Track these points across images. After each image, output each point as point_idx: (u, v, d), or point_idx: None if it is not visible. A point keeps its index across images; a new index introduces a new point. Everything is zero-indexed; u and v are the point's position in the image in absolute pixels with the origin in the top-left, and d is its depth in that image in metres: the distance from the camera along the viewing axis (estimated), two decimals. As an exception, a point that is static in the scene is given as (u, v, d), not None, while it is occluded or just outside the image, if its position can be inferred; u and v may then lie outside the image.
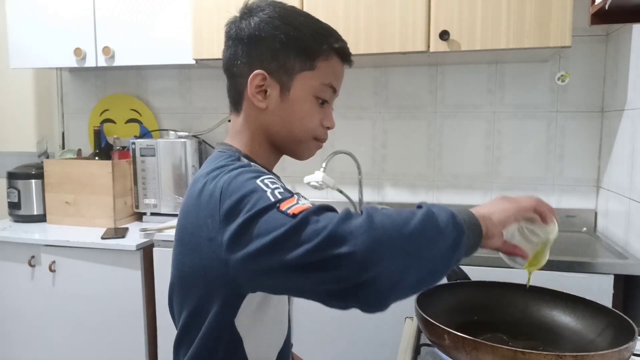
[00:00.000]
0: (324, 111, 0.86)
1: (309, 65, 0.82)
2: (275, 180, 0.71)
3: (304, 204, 0.65)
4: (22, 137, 2.57)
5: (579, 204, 1.99)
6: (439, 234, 0.65)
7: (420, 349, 0.94)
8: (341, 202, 2.15)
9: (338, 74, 0.86)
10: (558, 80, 1.94)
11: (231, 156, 0.81)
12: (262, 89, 0.81)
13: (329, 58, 0.84)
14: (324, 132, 0.86)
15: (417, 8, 1.73)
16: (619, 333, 0.77)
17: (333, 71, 0.85)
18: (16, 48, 2.22)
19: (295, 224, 0.61)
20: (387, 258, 0.60)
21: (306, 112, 0.83)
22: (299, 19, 0.86)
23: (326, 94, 0.84)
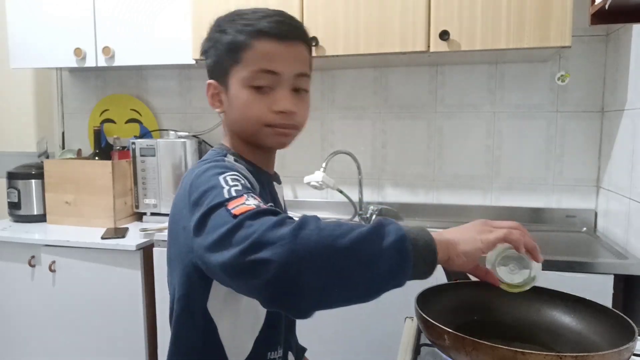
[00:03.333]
0: (271, 96, 0.82)
1: (235, 60, 0.82)
2: (238, 177, 0.73)
3: (249, 205, 0.65)
4: (22, 137, 2.57)
5: (579, 204, 1.99)
6: (375, 256, 0.61)
7: (420, 349, 0.94)
8: (341, 202, 2.15)
9: (271, 54, 0.81)
10: (558, 80, 1.94)
11: (218, 154, 0.86)
12: (218, 97, 0.88)
13: (253, 44, 0.81)
14: (274, 117, 0.82)
15: (417, 8, 1.73)
16: (619, 333, 0.77)
17: (263, 55, 0.81)
18: (16, 48, 2.22)
19: (232, 226, 0.62)
20: (307, 273, 0.59)
21: (243, 104, 0.83)
22: (227, 18, 0.85)
23: (262, 80, 0.81)
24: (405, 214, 2.14)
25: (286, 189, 2.30)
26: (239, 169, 0.78)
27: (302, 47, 0.84)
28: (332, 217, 2.18)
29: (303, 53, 0.85)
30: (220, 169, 0.75)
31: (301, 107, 0.85)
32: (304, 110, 0.86)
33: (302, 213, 2.10)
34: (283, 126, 0.84)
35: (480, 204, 2.09)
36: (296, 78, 0.83)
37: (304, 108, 0.86)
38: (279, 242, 0.59)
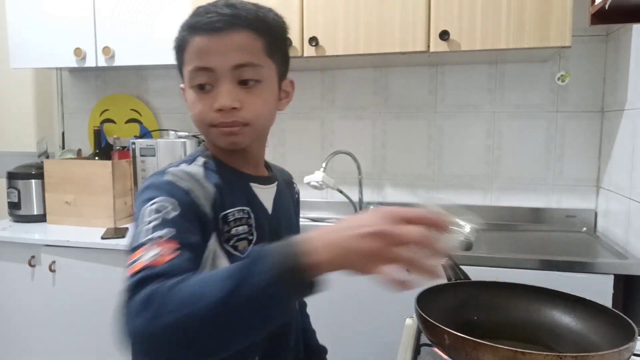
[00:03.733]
0: (211, 95, 0.77)
1: (182, 60, 0.80)
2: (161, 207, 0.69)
3: (142, 261, 0.62)
4: (22, 137, 2.56)
5: (579, 204, 1.99)
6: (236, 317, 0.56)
7: (420, 349, 0.94)
8: (341, 202, 2.15)
9: (201, 50, 0.76)
10: (558, 80, 1.94)
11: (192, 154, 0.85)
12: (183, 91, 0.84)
13: (189, 42, 0.77)
14: (214, 116, 0.77)
15: (417, 8, 1.73)
16: (619, 333, 0.77)
17: (195, 52, 0.77)
18: (16, 48, 2.21)
19: (122, 289, 0.62)
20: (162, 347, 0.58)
21: (190, 105, 0.80)
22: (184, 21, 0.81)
23: (197, 78, 0.77)
24: (405, 214, 2.14)
25: (286, 189, 2.29)
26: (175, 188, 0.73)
27: (242, 34, 0.76)
28: (332, 217, 2.19)
29: (243, 41, 0.76)
30: (151, 193, 0.72)
31: (249, 100, 0.77)
32: (253, 104, 0.78)
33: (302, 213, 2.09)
34: (225, 125, 0.78)
35: (480, 204, 2.09)
36: (236, 70, 0.76)
37: (254, 101, 0.78)
38: (139, 333, 0.59)
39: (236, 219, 0.79)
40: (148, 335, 0.58)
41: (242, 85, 0.77)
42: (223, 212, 0.78)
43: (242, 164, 0.85)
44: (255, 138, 0.82)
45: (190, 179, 0.76)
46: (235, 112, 0.77)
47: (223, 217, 0.78)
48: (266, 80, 0.80)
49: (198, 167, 0.80)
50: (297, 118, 2.24)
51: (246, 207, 0.81)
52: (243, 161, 0.85)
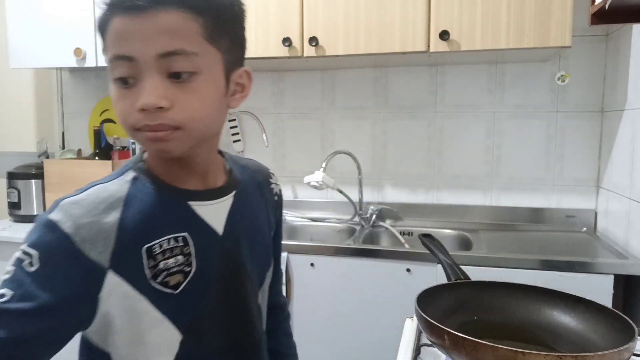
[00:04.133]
0: (134, 91, 0.62)
1: (103, 45, 0.64)
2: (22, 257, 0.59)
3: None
4: (22, 137, 2.57)
5: (579, 204, 1.99)
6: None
7: (420, 349, 0.94)
8: (341, 202, 2.15)
9: (117, 34, 0.61)
10: (558, 80, 1.94)
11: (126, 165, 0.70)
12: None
13: (107, 25, 0.62)
14: (137, 117, 0.62)
15: (417, 8, 1.73)
16: (619, 333, 0.77)
17: (114, 36, 0.61)
18: (16, 48, 2.21)
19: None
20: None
21: (113, 103, 0.65)
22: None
23: (117, 69, 0.62)
24: (405, 214, 2.14)
25: (286, 189, 2.30)
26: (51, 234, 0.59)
27: (171, 14, 0.60)
28: (332, 217, 2.19)
29: (173, 23, 0.60)
30: (31, 234, 0.60)
31: (181, 97, 0.62)
32: (186, 102, 0.62)
33: (302, 213, 2.09)
34: (150, 128, 0.62)
35: (480, 204, 2.09)
36: (163, 60, 0.60)
37: (187, 98, 0.62)
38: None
39: (165, 250, 0.65)
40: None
41: (172, 79, 0.62)
42: (147, 244, 0.64)
43: (183, 176, 0.69)
44: (193, 144, 0.65)
45: (86, 215, 0.61)
46: (162, 113, 0.61)
47: (147, 251, 0.64)
48: (205, 72, 0.63)
49: (123, 184, 0.66)
50: (297, 118, 2.24)
51: (181, 234, 0.67)
52: (184, 173, 0.70)
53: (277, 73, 2.24)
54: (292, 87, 2.23)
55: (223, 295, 0.71)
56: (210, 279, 0.69)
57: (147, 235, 0.64)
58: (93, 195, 0.64)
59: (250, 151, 2.32)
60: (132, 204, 0.65)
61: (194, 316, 0.68)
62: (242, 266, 0.74)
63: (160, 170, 0.69)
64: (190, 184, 0.70)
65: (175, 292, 0.65)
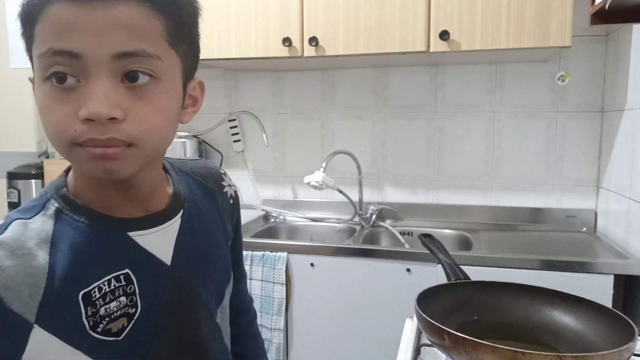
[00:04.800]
0: (76, 95, 0.50)
1: (30, 36, 0.53)
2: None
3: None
4: (22, 137, 2.56)
5: (579, 204, 1.99)
6: None
7: (420, 349, 0.94)
8: (341, 202, 2.15)
9: (59, 25, 0.49)
10: (558, 80, 1.94)
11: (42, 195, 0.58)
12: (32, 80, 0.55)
13: (42, 12, 0.50)
14: (80, 129, 0.49)
15: (417, 8, 1.73)
16: (619, 333, 0.77)
17: (50, 26, 0.50)
18: (16, 48, 2.21)
19: None
20: None
21: (41, 110, 0.52)
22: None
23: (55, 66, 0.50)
24: (405, 214, 2.14)
25: (286, 189, 2.30)
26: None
27: (131, 8, 0.50)
28: (332, 217, 2.19)
29: (133, 18, 0.50)
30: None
31: (138, 107, 0.51)
32: (143, 113, 0.52)
33: (302, 213, 2.09)
34: (97, 143, 0.50)
35: (480, 204, 2.09)
36: (119, 61, 0.50)
37: (145, 109, 0.52)
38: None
39: (106, 293, 0.54)
40: None
41: (126, 85, 0.51)
42: (84, 289, 0.53)
43: (120, 202, 0.58)
44: (144, 164, 0.55)
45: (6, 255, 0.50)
46: (113, 125, 0.50)
47: (85, 297, 0.53)
48: (165, 80, 0.54)
49: (46, 220, 0.54)
50: (297, 118, 2.24)
51: (123, 271, 0.56)
52: (122, 198, 0.58)
53: (277, 73, 2.24)
54: (292, 87, 2.23)
55: (173, 330, 0.61)
56: (159, 317, 0.59)
57: (83, 279, 0.53)
58: (16, 233, 0.52)
59: (250, 151, 2.32)
60: (60, 245, 0.53)
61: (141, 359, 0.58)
62: (194, 294, 0.64)
63: (92, 196, 0.57)
64: (128, 211, 0.59)
65: (118, 339, 0.55)
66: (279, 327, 1.73)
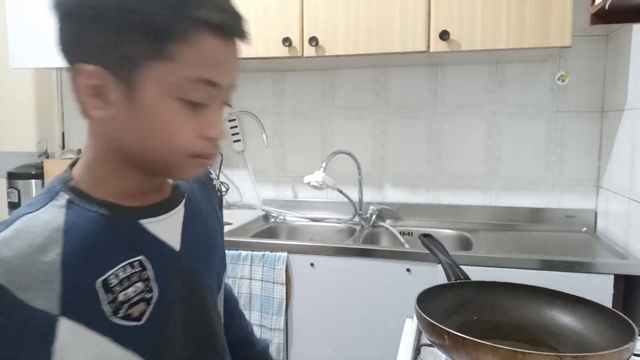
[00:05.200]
0: (204, 116, 0.57)
1: (160, 52, 0.53)
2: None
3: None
4: (22, 137, 2.57)
5: (579, 204, 1.99)
6: None
7: (420, 349, 0.94)
8: (341, 202, 2.15)
9: (217, 59, 0.55)
10: (558, 80, 1.94)
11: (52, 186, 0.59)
12: (98, 91, 0.58)
13: (195, 39, 0.53)
14: (206, 145, 0.57)
15: (417, 8, 1.73)
16: (619, 333, 0.77)
17: (206, 57, 0.54)
18: (16, 48, 2.21)
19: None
20: None
21: (165, 122, 0.55)
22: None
23: (198, 93, 0.55)
24: (405, 214, 2.14)
25: (286, 189, 2.30)
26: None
27: (239, 47, 0.59)
28: (332, 217, 2.19)
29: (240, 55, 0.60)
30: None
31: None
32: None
33: (302, 213, 2.09)
34: (211, 156, 0.59)
35: (480, 204, 2.09)
36: (230, 90, 0.59)
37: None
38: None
39: (122, 279, 0.57)
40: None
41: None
42: (100, 277, 0.56)
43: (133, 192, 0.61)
44: None
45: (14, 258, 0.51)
46: (220, 143, 0.60)
47: (103, 284, 0.56)
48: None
49: (56, 211, 0.56)
50: (297, 118, 2.24)
51: (137, 257, 0.59)
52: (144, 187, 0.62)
53: (277, 73, 2.24)
54: (292, 87, 2.23)
55: (186, 314, 0.65)
56: (174, 301, 0.63)
57: (98, 266, 0.56)
58: (23, 230, 0.53)
59: (250, 151, 2.32)
60: (73, 235, 0.55)
61: (161, 342, 0.61)
62: (201, 280, 0.68)
63: (108, 187, 0.59)
64: (138, 200, 0.62)
65: (139, 324, 0.58)
66: (279, 327, 1.73)
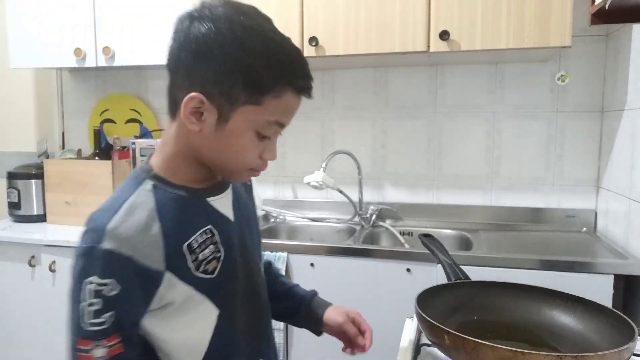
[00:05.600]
0: (265, 145, 0.76)
1: (255, 100, 0.71)
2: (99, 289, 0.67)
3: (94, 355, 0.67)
4: (22, 137, 2.57)
5: (579, 204, 1.99)
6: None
7: (420, 349, 0.94)
8: (341, 202, 2.15)
9: (290, 109, 0.76)
10: (558, 80, 1.94)
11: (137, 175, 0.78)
12: (197, 111, 0.73)
13: (282, 94, 0.72)
14: (261, 163, 0.78)
15: (417, 8, 1.73)
16: (619, 333, 0.77)
17: (284, 108, 0.74)
18: (16, 48, 2.21)
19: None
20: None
21: (242, 147, 0.74)
22: (256, 41, 0.70)
23: (269, 130, 0.75)
24: (405, 214, 2.14)
25: (286, 189, 2.30)
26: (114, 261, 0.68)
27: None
28: (332, 217, 2.19)
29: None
30: (89, 266, 0.68)
31: None
32: None
33: (302, 213, 2.08)
34: (261, 171, 0.80)
35: (480, 204, 2.09)
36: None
37: None
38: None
39: (200, 243, 0.76)
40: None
41: None
42: (186, 242, 0.74)
43: (197, 180, 0.80)
44: None
45: (136, 234, 0.70)
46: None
47: (188, 247, 0.74)
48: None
49: (146, 194, 0.75)
50: (297, 118, 2.23)
51: (207, 226, 0.78)
52: (209, 175, 0.81)
53: (277, 73, 2.24)
54: (292, 87, 2.23)
55: (242, 271, 0.83)
56: (235, 260, 0.81)
57: (184, 234, 0.75)
58: (129, 213, 0.72)
59: (250, 151, 2.32)
60: (164, 212, 0.74)
61: (227, 292, 0.80)
62: (247, 246, 0.86)
63: (182, 174, 0.78)
64: (203, 183, 0.80)
65: (213, 276, 0.77)
66: (279, 327, 1.73)
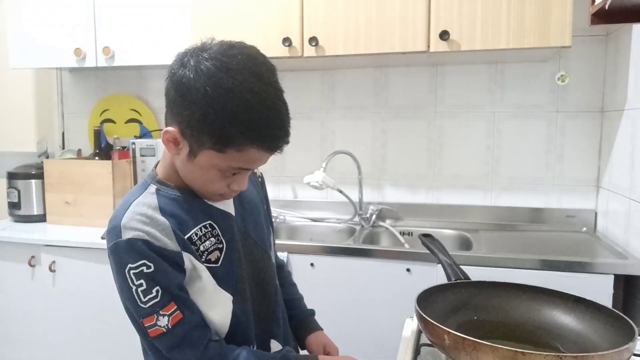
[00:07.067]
0: (235, 178, 0.84)
1: (218, 148, 0.78)
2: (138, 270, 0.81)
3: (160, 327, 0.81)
4: (22, 137, 2.56)
5: (579, 204, 1.99)
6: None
7: (420, 349, 0.94)
8: (341, 202, 2.15)
9: (255, 161, 0.81)
10: (558, 80, 1.94)
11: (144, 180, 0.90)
12: (175, 141, 0.81)
13: (245, 150, 0.77)
14: (229, 192, 0.86)
15: (417, 8, 1.73)
16: (619, 333, 0.77)
17: (247, 159, 0.79)
18: (16, 48, 2.22)
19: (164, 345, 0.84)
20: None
21: (208, 179, 0.83)
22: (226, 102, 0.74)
23: (235, 172, 0.82)
24: (405, 214, 2.14)
25: (286, 189, 2.30)
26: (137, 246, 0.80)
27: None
28: (332, 217, 2.19)
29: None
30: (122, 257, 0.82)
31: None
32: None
33: (302, 213, 2.08)
34: (232, 196, 0.89)
35: (480, 204, 2.09)
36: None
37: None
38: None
39: (200, 236, 0.86)
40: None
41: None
42: (186, 235, 0.84)
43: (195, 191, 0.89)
44: None
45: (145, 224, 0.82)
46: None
47: (189, 239, 0.84)
48: None
49: (150, 196, 0.86)
50: (297, 118, 2.24)
51: (207, 222, 0.88)
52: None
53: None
54: (292, 87, 2.23)
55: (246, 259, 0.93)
56: (237, 250, 0.90)
57: (185, 228, 0.85)
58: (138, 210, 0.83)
59: (250, 151, 2.32)
60: (166, 210, 0.85)
61: (236, 279, 0.90)
62: (249, 237, 0.95)
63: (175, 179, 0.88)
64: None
65: (218, 265, 0.87)
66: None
